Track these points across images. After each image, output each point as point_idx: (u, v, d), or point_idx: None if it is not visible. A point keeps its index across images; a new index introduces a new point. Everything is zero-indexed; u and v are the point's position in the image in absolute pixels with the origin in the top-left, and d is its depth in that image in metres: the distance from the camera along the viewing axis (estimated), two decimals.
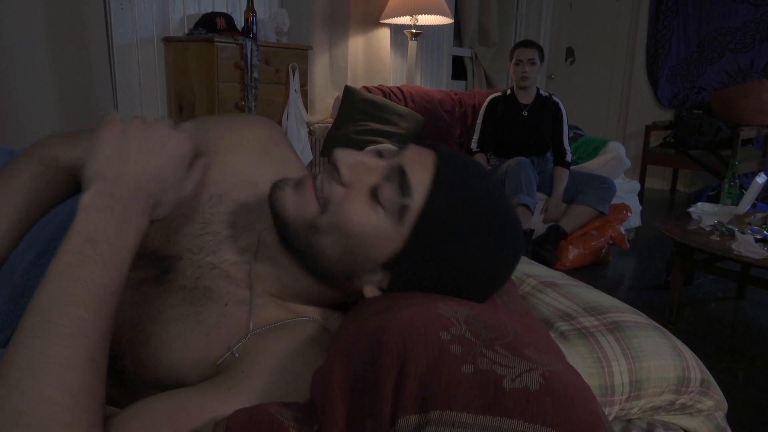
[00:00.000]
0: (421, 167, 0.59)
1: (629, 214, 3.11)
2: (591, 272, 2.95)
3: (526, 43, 3.12)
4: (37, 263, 0.74)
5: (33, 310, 0.51)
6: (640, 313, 0.83)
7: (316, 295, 0.67)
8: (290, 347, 0.61)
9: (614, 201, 3.10)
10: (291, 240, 0.62)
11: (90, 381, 0.50)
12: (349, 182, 0.59)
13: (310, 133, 3.33)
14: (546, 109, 3.14)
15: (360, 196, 0.59)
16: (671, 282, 2.31)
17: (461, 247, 0.58)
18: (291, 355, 0.61)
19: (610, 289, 2.74)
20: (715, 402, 0.73)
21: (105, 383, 0.52)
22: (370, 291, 0.62)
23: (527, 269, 0.94)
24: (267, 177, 0.74)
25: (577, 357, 0.67)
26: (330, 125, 3.31)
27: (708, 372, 0.75)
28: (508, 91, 3.21)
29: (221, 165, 0.74)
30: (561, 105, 3.16)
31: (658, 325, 0.79)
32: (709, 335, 2.24)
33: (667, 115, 4.81)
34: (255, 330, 0.64)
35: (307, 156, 3.04)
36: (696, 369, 0.72)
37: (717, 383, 1.81)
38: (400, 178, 0.58)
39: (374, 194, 0.59)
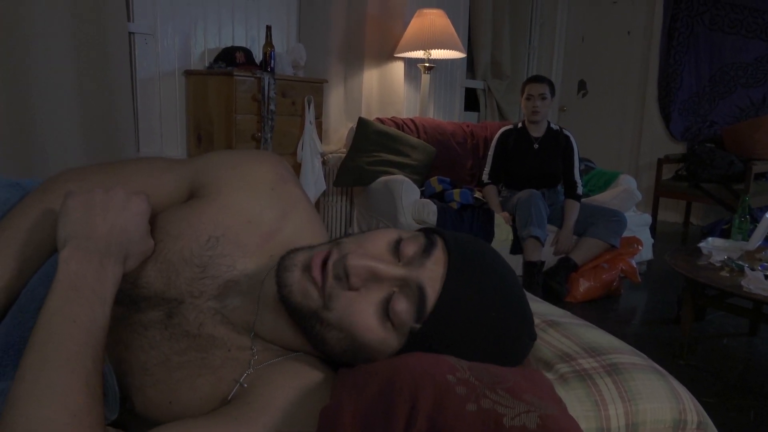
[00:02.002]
0: (433, 283, 0.59)
1: (640, 247, 3.11)
2: (602, 306, 2.95)
3: (537, 78, 3.17)
4: None
5: (29, 348, 0.56)
6: (640, 353, 0.84)
7: (314, 354, 0.69)
8: (295, 383, 0.64)
9: (625, 234, 3.11)
10: (298, 320, 0.63)
11: (88, 402, 0.55)
12: (357, 289, 0.59)
13: (324, 162, 3.40)
14: (557, 142, 3.18)
15: (369, 308, 0.59)
16: (682, 318, 2.31)
17: (456, 354, 0.60)
18: (296, 389, 0.63)
19: (621, 323, 2.73)
20: None
21: (102, 404, 0.57)
22: None
23: (531, 306, 0.96)
24: (272, 215, 0.75)
25: (575, 401, 0.70)
26: (344, 155, 3.38)
27: (705, 414, 0.76)
28: (520, 125, 3.26)
29: (223, 205, 0.74)
30: (572, 139, 3.20)
31: (657, 366, 0.81)
32: (721, 372, 2.23)
33: (679, 148, 4.82)
34: (258, 366, 0.67)
35: (321, 186, 3.10)
36: (693, 411, 0.74)
37: (728, 421, 1.80)
38: (418, 301, 0.58)
39: (385, 308, 0.59)
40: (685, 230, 4.80)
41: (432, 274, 0.59)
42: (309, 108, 3.01)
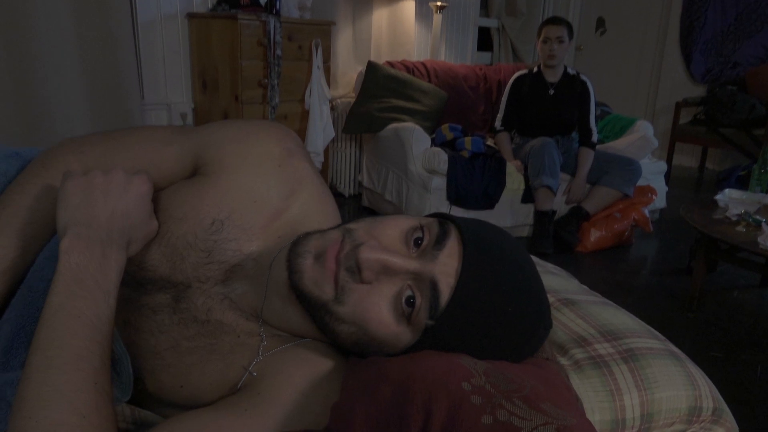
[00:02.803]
0: (450, 279, 0.57)
1: (654, 197, 3.06)
2: (612, 255, 2.94)
3: (554, 20, 3.03)
4: None
5: (34, 347, 0.55)
6: (657, 334, 0.83)
7: (323, 339, 0.67)
8: (305, 372, 0.63)
9: (639, 182, 3.06)
10: (307, 309, 0.61)
11: (96, 401, 0.54)
12: (370, 282, 0.58)
13: (333, 108, 3.33)
14: (573, 88, 3.08)
15: (382, 302, 0.57)
16: (694, 271, 2.29)
17: (471, 348, 0.59)
18: (306, 379, 0.62)
19: (631, 274, 2.73)
20: (726, 429, 0.74)
21: (111, 402, 0.56)
22: None
23: (546, 282, 0.94)
24: (279, 194, 0.72)
25: (590, 390, 0.69)
26: (353, 100, 3.29)
27: (721, 399, 0.75)
28: (535, 69, 3.14)
29: (227, 185, 0.71)
30: (589, 84, 3.09)
31: (674, 349, 0.79)
32: (730, 326, 2.23)
33: (699, 91, 4.66)
34: (267, 353, 0.66)
35: (330, 133, 3.03)
36: (709, 398, 0.73)
37: (734, 376, 1.79)
38: (431, 297, 0.56)
39: (398, 302, 0.57)
40: (700, 175, 4.72)
41: (445, 268, 0.57)
42: (316, 52, 2.90)
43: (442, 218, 0.64)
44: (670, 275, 2.73)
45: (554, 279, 0.97)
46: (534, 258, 1.28)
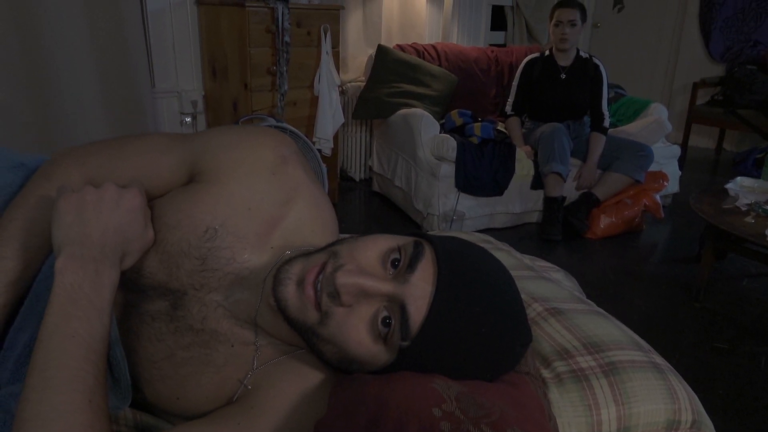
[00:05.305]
0: (421, 302, 0.58)
1: (666, 183, 3.03)
2: (622, 242, 2.93)
3: (567, 3, 2.97)
4: None
5: (32, 368, 0.58)
6: (642, 344, 0.84)
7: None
8: (297, 387, 0.65)
9: (652, 167, 3.02)
10: (296, 331, 0.64)
11: (90, 419, 0.57)
12: (350, 305, 0.60)
13: (343, 92, 3.32)
14: (585, 72, 3.03)
15: (360, 323, 0.60)
16: (702, 261, 2.28)
17: (446, 368, 0.61)
18: (298, 394, 0.65)
19: (640, 262, 2.72)
20: None
21: (107, 417, 0.59)
22: None
23: (535, 289, 0.96)
24: (273, 202, 0.73)
25: (568, 404, 0.71)
26: (362, 84, 3.28)
27: (702, 412, 0.77)
28: (547, 52, 3.10)
29: (220, 193, 0.72)
30: (601, 68, 3.04)
31: (657, 361, 0.81)
32: (737, 316, 2.23)
33: (717, 71, 4.56)
34: (261, 366, 0.69)
35: (339, 119, 3.03)
36: (688, 411, 0.75)
37: (738, 369, 1.78)
38: (401, 319, 0.58)
39: (375, 324, 0.59)
40: (717, 157, 4.64)
41: (417, 291, 0.58)
42: (325, 38, 2.89)
43: (421, 237, 0.65)
44: (679, 263, 2.71)
45: (547, 286, 0.99)
46: (535, 256, 1.29)
